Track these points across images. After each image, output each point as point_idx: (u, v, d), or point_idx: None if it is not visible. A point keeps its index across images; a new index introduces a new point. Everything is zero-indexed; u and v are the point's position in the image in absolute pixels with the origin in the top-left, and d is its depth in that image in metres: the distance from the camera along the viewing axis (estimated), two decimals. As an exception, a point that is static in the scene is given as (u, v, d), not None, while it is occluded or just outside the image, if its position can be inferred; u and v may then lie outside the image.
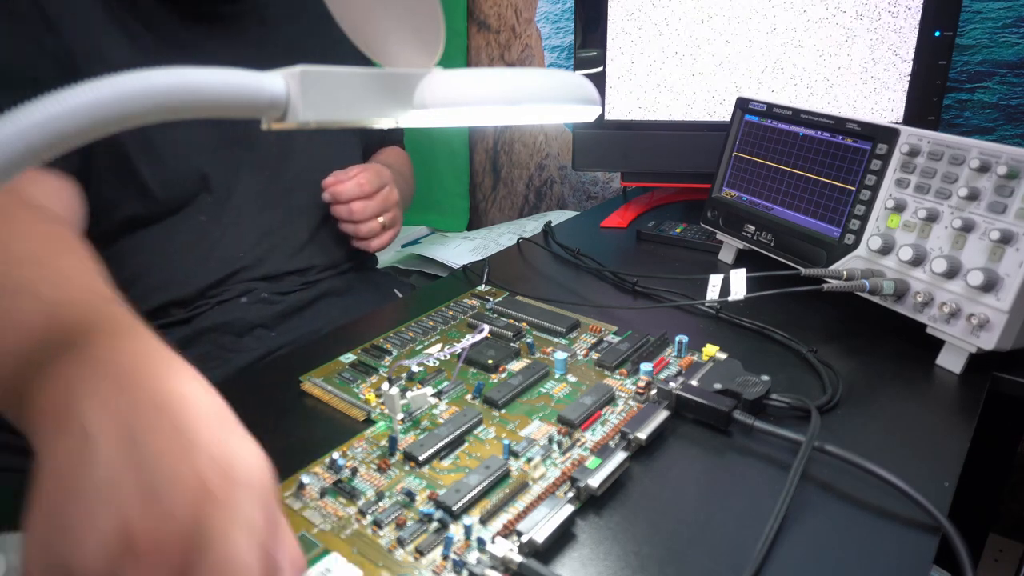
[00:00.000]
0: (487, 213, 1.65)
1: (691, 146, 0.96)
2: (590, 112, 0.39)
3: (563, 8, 1.38)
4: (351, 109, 0.33)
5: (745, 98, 0.78)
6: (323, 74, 0.31)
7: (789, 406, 0.51)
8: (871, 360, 0.59)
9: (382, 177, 0.80)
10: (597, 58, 0.96)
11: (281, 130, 0.34)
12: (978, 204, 0.54)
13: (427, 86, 0.34)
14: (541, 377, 0.55)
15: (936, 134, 0.59)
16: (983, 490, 0.84)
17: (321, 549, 0.39)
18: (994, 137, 1.02)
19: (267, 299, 0.73)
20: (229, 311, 0.70)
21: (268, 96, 0.29)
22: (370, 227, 0.79)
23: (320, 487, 0.44)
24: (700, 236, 0.87)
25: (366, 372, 0.57)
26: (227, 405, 0.31)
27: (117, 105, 0.25)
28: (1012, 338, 0.53)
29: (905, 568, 0.38)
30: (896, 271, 0.59)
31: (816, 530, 0.41)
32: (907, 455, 0.47)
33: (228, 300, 0.71)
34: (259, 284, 0.74)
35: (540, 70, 0.38)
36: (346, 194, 0.77)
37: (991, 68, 1.00)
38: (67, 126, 0.24)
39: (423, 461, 0.46)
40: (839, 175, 0.67)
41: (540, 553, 0.38)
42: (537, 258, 0.86)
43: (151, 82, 0.26)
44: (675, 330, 0.60)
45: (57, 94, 0.24)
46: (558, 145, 1.49)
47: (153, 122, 0.26)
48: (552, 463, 0.46)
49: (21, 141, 0.23)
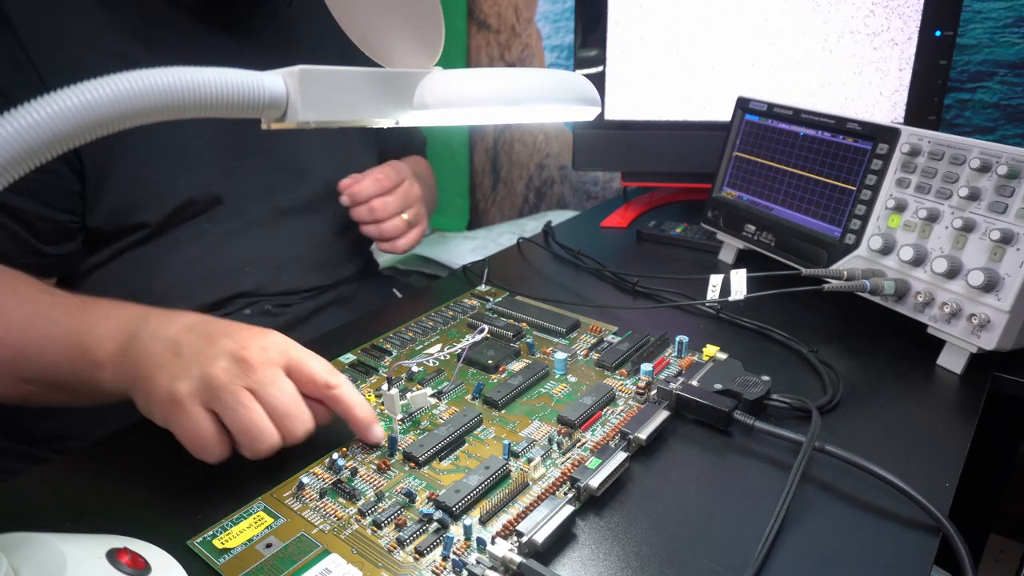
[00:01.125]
0: (487, 213, 1.65)
1: (691, 146, 0.96)
2: (590, 112, 0.39)
3: (563, 8, 1.38)
4: (351, 109, 0.33)
5: (745, 98, 0.78)
6: (322, 74, 0.31)
7: (789, 406, 0.51)
8: (872, 360, 0.59)
9: (400, 172, 0.77)
10: (597, 58, 0.96)
11: (282, 130, 0.34)
12: (979, 204, 0.54)
13: (427, 86, 0.34)
14: (541, 377, 0.55)
15: (937, 134, 0.59)
16: (984, 490, 0.84)
17: (321, 550, 0.39)
18: (995, 137, 1.02)
19: (270, 311, 0.72)
20: None
21: (268, 96, 0.29)
22: (394, 224, 0.75)
23: (320, 487, 0.44)
24: (700, 236, 0.87)
25: (366, 372, 0.57)
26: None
27: (117, 104, 0.25)
28: (1013, 338, 0.53)
29: (906, 568, 0.38)
30: (897, 271, 0.59)
31: (817, 530, 0.41)
32: (908, 455, 0.47)
33: (231, 313, 0.70)
34: (262, 297, 0.73)
35: (540, 70, 0.38)
36: (364, 192, 0.74)
37: (992, 68, 1.00)
38: (67, 126, 0.24)
39: (423, 461, 0.46)
40: (840, 175, 0.67)
41: (540, 553, 0.38)
42: (537, 258, 0.86)
43: (151, 82, 0.26)
44: (675, 330, 0.60)
45: (57, 94, 0.24)
46: (558, 145, 1.49)
47: (153, 121, 0.26)
48: (552, 463, 0.46)
49: (21, 141, 0.23)
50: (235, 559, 0.38)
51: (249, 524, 0.41)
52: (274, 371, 0.43)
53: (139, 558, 0.36)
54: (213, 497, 0.44)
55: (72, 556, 0.33)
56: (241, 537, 0.40)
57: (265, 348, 0.44)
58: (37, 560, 0.33)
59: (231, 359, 0.43)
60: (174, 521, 0.42)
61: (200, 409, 0.42)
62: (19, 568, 0.32)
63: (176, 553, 0.39)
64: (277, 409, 0.42)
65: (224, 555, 0.39)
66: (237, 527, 0.41)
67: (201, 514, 0.42)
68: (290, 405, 0.43)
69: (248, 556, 0.39)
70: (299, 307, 0.75)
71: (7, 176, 0.24)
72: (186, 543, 0.40)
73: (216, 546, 0.39)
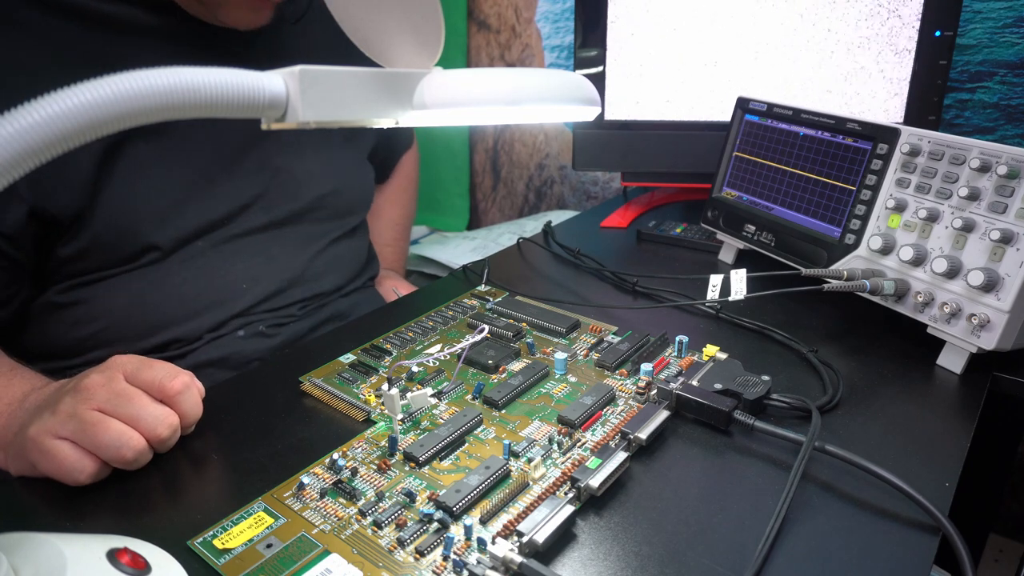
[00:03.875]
0: (487, 213, 1.65)
1: (691, 146, 0.96)
2: (590, 112, 0.39)
3: (563, 8, 1.38)
4: (351, 109, 0.33)
5: (745, 98, 0.78)
6: (322, 74, 0.31)
7: (789, 406, 0.51)
8: (872, 360, 0.59)
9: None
10: (597, 58, 0.96)
11: (281, 129, 0.34)
12: (979, 204, 0.54)
13: (427, 86, 0.35)
14: (541, 377, 0.55)
15: (937, 134, 0.59)
16: (983, 490, 0.84)
17: (321, 550, 0.39)
18: (994, 137, 1.02)
19: (264, 332, 0.71)
20: (225, 346, 0.68)
21: (268, 96, 0.29)
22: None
23: (320, 487, 0.44)
24: (700, 236, 0.87)
25: (366, 372, 0.57)
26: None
27: (117, 104, 0.25)
28: (1012, 338, 0.53)
29: (905, 568, 0.38)
30: (897, 271, 0.59)
31: (817, 530, 0.41)
32: (908, 455, 0.47)
33: (225, 335, 0.69)
34: (258, 316, 0.71)
35: (540, 70, 0.38)
36: None
37: (991, 68, 1.00)
38: (67, 126, 0.24)
39: (423, 461, 0.46)
40: (840, 175, 0.67)
41: (540, 553, 0.38)
42: (537, 258, 0.86)
43: (151, 82, 0.25)
44: (675, 330, 0.60)
45: (57, 94, 0.24)
46: (558, 145, 1.49)
47: (154, 121, 0.26)
48: (552, 463, 0.46)
49: (21, 141, 0.23)
50: (235, 559, 0.38)
51: (249, 524, 0.41)
52: (115, 386, 0.46)
53: (139, 558, 0.36)
54: (213, 497, 0.44)
55: (72, 556, 0.33)
56: (241, 537, 0.40)
57: (102, 371, 0.47)
58: (37, 560, 0.33)
59: (72, 393, 0.46)
60: (174, 521, 0.42)
61: (55, 440, 0.44)
62: (19, 568, 0.32)
63: (176, 553, 0.39)
64: (130, 415, 0.45)
65: (224, 555, 0.39)
66: (237, 527, 0.41)
67: (201, 514, 0.42)
68: (140, 409, 0.45)
69: (248, 556, 0.39)
70: (295, 326, 0.73)
71: (7, 176, 0.24)
72: (186, 543, 0.40)
73: (216, 546, 0.39)
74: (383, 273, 0.95)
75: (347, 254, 0.81)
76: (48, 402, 0.48)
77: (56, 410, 0.45)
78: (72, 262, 0.62)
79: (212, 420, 0.51)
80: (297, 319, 0.74)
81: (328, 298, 0.78)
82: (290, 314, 0.73)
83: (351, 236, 0.82)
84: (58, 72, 0.57)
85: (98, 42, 0.61)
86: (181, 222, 0.65)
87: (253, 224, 0.71)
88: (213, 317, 0.68)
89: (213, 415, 0.51)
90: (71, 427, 0.44)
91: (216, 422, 0.51)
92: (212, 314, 0.68)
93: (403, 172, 1.05)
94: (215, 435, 0.50)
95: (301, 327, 0.74)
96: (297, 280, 0.74)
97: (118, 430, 0.44)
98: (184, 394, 0.47)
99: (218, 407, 0.52)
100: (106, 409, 0.45)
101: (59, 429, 0.44)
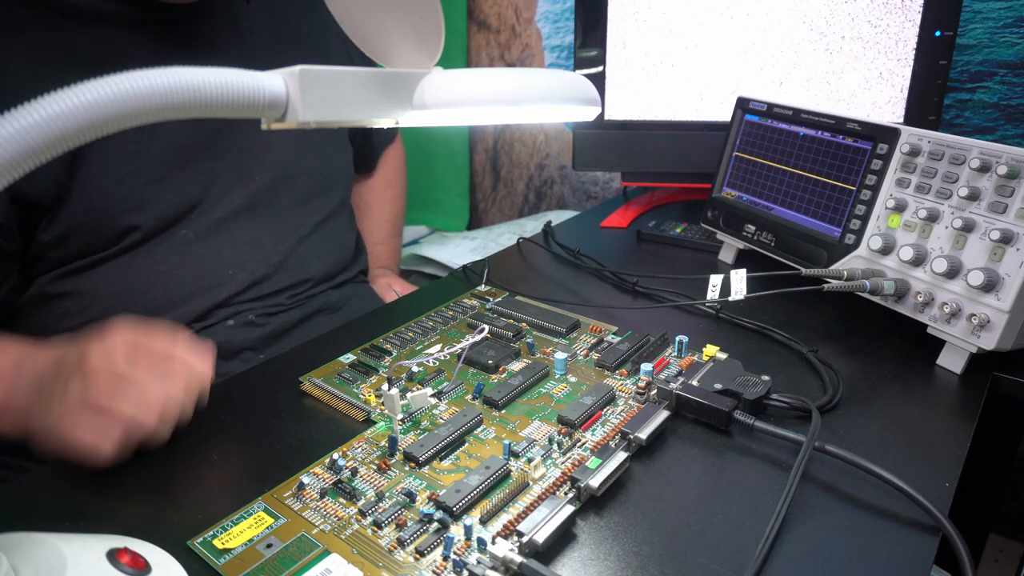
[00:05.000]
0: (487, 213, 1.65)
1: (691, 146, 0.96)
2: (590, 112, 0.39)
3: (563, 8, 1.38)
4: (350, 109, 0.33)
5: (745, 98, 0.78)
6: (322, 74, 0.31)
7: (789, 406, 0.51)
8: (872, 360, 0.59)
9: None
10: (597, 58, 0.96)
11: (281, 130, 0.34)
12: (978, 204, 0.54)
13: (427, 86, 0.34)
14: (541, 377, 0.55)
15: (937, 134, 0.59)
16: (983, 490, 0.84)
17: (321, 550, 0.39)
18: (994, 137, 1.02)
19: (253, 321, 0.71)
20: (214, 335, 0.68)
21: (268, 96, 0.29)
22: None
23: (320, 487, 0.44)
24: (700, 236, 0.87)
25: (366, 372, 0.57)
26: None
27: (117, 105, 0.25)
28: (1012, 338, 0.53)
29: (905, 568, 0.38)
30: (897, 271, 0.59)
31: (816, 530, 0.41)
32: (908, 455, 0.47)
33: (214, 324, 0.69)
34: (247, 305, 0.71)
35: (540, 70, 0.38)
36: None
37: (991, 68, 1.00)
38: (67, 126, 0.24)
39: (423, 461, 0.46)
40: (840, 175, 0.67)
41: (540, 553, 0.38)
42: (537, 258, 0.86)
43: (151, 82, 0.25)
44: (675, 330, 0.60)
45: (57, 94, 0.24)
46: (558, 145, 1.49)
47: (154, 121, 0.26)
48: (552, 463, 0.46)
49: (21, 141, 0.23)
50: (235, 559, 0.38)
51: (249, 524, 0.41)
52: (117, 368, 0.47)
53: (139, 558, 0.36)
54: (213, 497, 0.44)
55: (72, 556, 0.33)
56: (241, 537, 0.40)
57: (102, 350, 0.48)
58: (37, 560, 0.33)
59: (77, 378, 0.47)
60: (174, 521, 0.42)
61: (74, 431, 0.45)
62: (19, 568, 0.32)
63: (176, 553, 0.39)
64: (137, 399, 0.46)
65: (224, 555, 0.39)
66: (237, 527, 0.41)
67: (201, 514, 0.42)
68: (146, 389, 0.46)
69: (248, 556, 0.39)
70: (285, 316, 0.73)
71: (7, 176, 0.24)
72: (186, 543, 0.40)
73: (216, 546, 0.39)
74: (378, 271, 0.96)
75: (333, 239, 0.81)
76: (54, 386, 0.48)
77: (65, 399, 0.46)
78: (55, 247, 0.62)
79: (212, 420, 0.51)
80: (287, 308, 0.74)
81: (317, 287, 0.78)
82: (279, 303, 0.74)
83: (335, 219, 0.81)
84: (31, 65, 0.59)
85: (66, 34, 0.61)
86: (159, 203, 0.65)
87: (234, 205, 0.71)
88: (200, 304, 0.68)
89: (213, 415, 0.51)
90: (85, 418, 0.45)
91: (216, 422, 0.51)
92: (199, 301, 0.68)
93: (388, 167, 1.05)
94: (215, 435, 0.50)
95: (291, 317, 0.74)
96: (283, 265, 0.74)
97: (130, 415, 0.45)
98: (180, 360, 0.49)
99: (218, 407, 0.52)
100: (113, 395, 0.45)
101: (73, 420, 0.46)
